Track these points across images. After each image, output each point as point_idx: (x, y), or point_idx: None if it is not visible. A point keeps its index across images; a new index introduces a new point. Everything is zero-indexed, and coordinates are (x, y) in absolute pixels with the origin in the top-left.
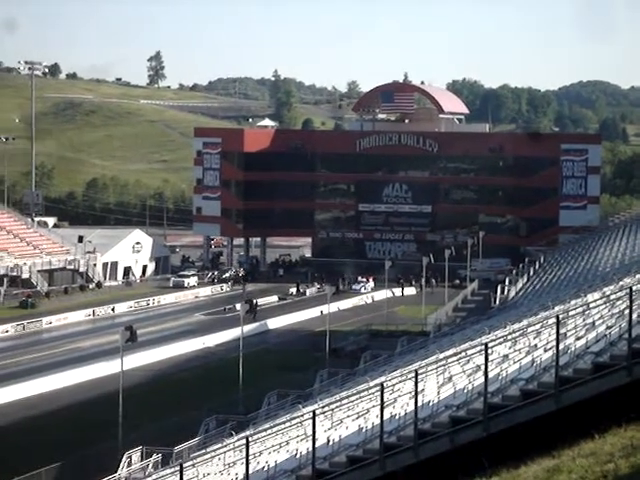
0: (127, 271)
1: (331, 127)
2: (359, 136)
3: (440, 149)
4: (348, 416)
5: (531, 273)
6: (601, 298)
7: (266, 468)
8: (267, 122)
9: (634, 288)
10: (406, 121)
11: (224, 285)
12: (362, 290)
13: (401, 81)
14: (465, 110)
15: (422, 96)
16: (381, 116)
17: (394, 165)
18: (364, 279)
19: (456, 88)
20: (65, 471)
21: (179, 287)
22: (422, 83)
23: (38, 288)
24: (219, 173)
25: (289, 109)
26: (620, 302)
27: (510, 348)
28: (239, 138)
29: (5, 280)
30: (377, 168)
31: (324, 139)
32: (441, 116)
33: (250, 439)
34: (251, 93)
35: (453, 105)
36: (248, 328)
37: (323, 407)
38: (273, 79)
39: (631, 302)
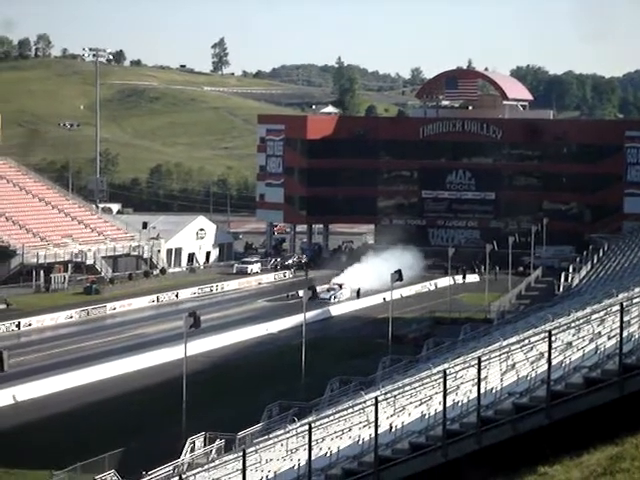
0: (191, 257)
1: (394, 114)
2: (422, 123)
3: (504, 136)
4: (411, 403)
5: (595, 261)
6: None
7: (328, 454)
8: (330, 109)
9: None
10: (470, 108)
11: (287, 272)
12: (332, 300)
13: (465, 67)
14: (529, 97)
15: (486, 83)
16: (445, 103)
17: (457, 152)
18: (336, 285)
19: (520, 74)
20: (128, 456)
21: (242, 273)
22: (486, 70)
23: (102, 274)
24: (282, 160)
25: (352, 96)
26: None
27: (574, 336)
28: (302, 125)
29: (70, 266)
30: (440, 155)
31: (387, 126)
32: (505, 103)
33: (313, 425)
34: (314, 80)
35: (517, 92)
36: (311, 314)
37: (386, 394)
38: (336, 66)
39: None
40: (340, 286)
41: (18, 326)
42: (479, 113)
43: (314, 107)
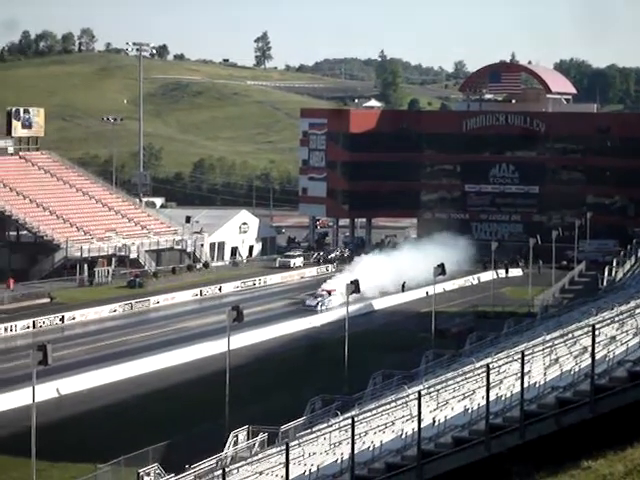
0: (234, 251)
1: (437, 107)
2: (466, 116)
3: (547, 129)
4: (454, 397)
5: (639, 254)
6: None
7: (371, 448)
8: (373, 103)
9: None
10: (513, 101)
11: (329, 266)
12: (319, 308)
13: (508, 61)
14: (572, 90)
15: (529, 76)
16: (488, 96)
17: (501, 145)
18: (324, 292)
19: (563, 68)
20: (172, 450)
21: (285, 267)
22: (529, 63)
23: (146, 268)
24: (325, 154)
25: (395, 89)
26: None
27: (617, 330)
28: (345, 119)
29: (113, 260)
30: (483, 148)
31: (430, 119)
32: (548, 96)
33: (356, 419)
34: (357, 74)
35: (560, 85)
36: (354, 308)
37: (429, 388)
38: (379, 59)
39: None
40: (329, 292)
41: (62, 320)
42: (522, 107)
43: (357, 101)
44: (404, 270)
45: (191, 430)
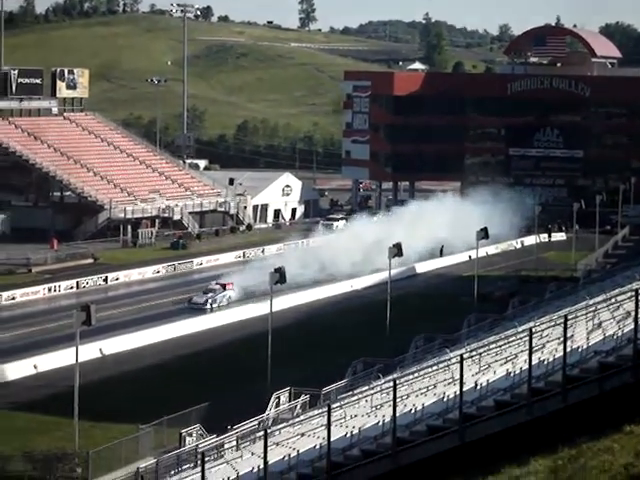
0: (277, 214)
1: (482, 70)
2: (510, 80)
3: (592, 93)
4: (496, 361)
5: None
6: None
7: (413, 411)
8: (417, 65)
9: None
10: (558, 65)
11: None
12: (208, 306)
13: (553, 24)
14: (617, 54)
15: (574, 40)
16: (533, 59)
17: (545, 109)
18: (217, 286)
19: (609, 32)
20: (214, 411)
21: (328, 230)
22: (574, 27)
23: (189, 230)
24: (368, 116)
25: (440, 52)
26: None
27: None
28: (389, 81)
29: (157, 221)
30: (528, 112)
31: (475, 82)
32: (593, 60)
33: (397, 382)
34: (402, 36)
35: (605, 49)
36: (396, 271)
37: (471, 351)
38: (424, 22)
39: None
40: (224, 286)
41: (105, 280)
42: (567, 70)
43: (401, 63)
44: (445, 232)
45: (233, 391)
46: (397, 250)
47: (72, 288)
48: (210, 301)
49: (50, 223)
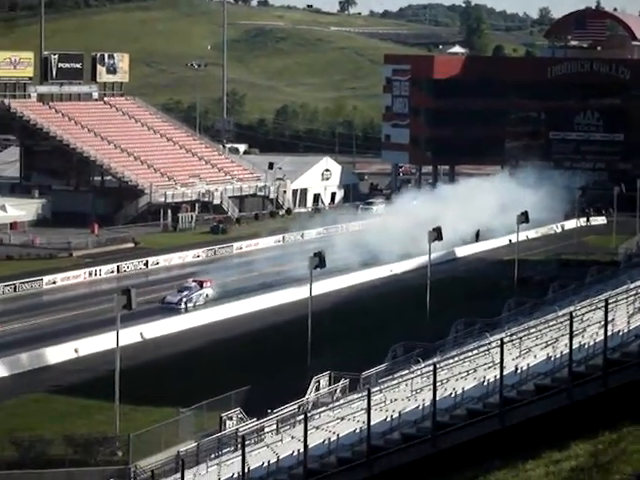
0: (316, 198)
1: (522, 54)
2: (550, 63)
3: (632, 76)
4: (536, 345)
5: None
6: None
7: (453, 395)
8: (457, 49)
9: None
10: (598, 48)
11: None
12: (182, 305)
13: (594, 8)
14: None
15: (615, 23)
16: (573, 43)
17: (586, 92)
18: (194, 284)
19: None
20: (254, 394)
21: (367, 214)
22: (615, 10)
23: (229, 214)
24: (408, 100)
25: (480, 36)
26: None
27: None
28: (429, 65)
29: (197, 206)
30: (568, 96)
31: (515, 66)
32: (634, 43)
33: (437, 366)
34: (441, 20)
35: None
36: (435, 256)
37: (511, 335)
38: (464, 5)
39: None
40: (201, 284)
41: (146, 265)
42: (608, 54)
43: (441, 47)
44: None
45: (273, 375)
46: (437, 234)
47: (113, 272)
48: (185, 300)
49: (91, 207)
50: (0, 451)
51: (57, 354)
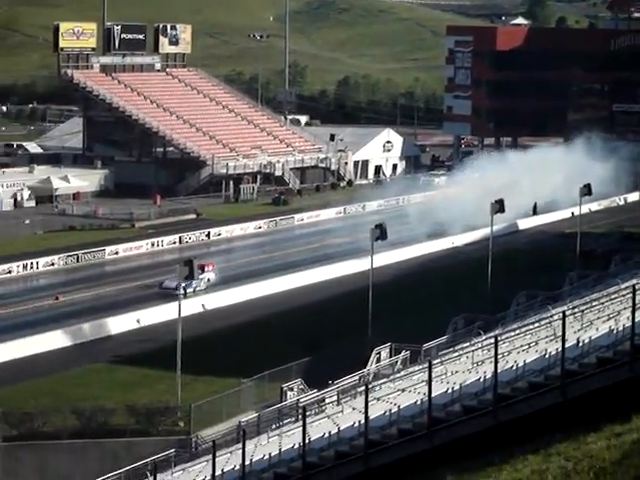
0: (377, 170)
1: (585, 26)
2: (614, 35)
3: None
4: (598, 318)
5: None
6: None
7: (514, 367)
8: (520, 20)
9: None
10: None
11: None
12: (180, 291)
13: None
14: None
15: None
16: (636, 15)
17: None
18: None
19: None
20: (315, 366)
21: (429, 186)
22: None
23: (290, 185)
24: (470, 72)
25: (543, 7)
26: None
27: None
28: (491, 36)
29: (258, 177)
30: (631, 68)
31: (578, 38)
32: None
33: (499, 338)
34: None
35: None
36: (498, 228)
37: (573, 308)
38: None
39: None
40: (202, 268)
41: (208, 236)
42: None
43: (504, 18)
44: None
45: (334, 346)
46: (499, 206)
47: (175, 243)
48: (184, 285)
49: (153, 179)
50: (62, 421)
51: (119, 324)
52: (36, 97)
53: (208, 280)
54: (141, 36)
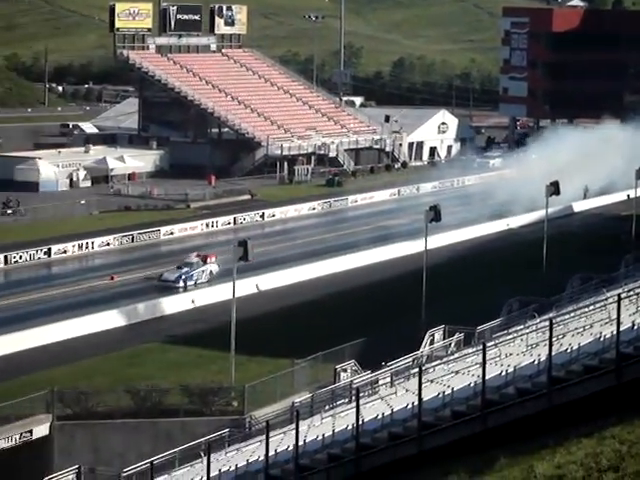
0: (432, 151)
1: None
2: None
3: None
4: None
5: None
6: None
7: (569, 350)
8: (576, 2)
9: None
10: None
11: None
12: (180, 284)
13: None
14: None
15: None
16: None
17: None
18: (195, 259)
19: None
20: (368, 347)
21: (484, 168)
22: None
23: (345, 167)
24: (526, 53)
25: None
26: None
27: None
28: (548, 18)
29: (313, 158)
30: None
31: (634, 19)
32: None
33: (553, 321)
34: None
35: None
36: (553, 210)
37: (628, 292)
38: None
39: None
40: (204, 259)
41: (262, 217)
42: None
43: (560, 0)
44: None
45: (388, 328)
46: (554, 188)
47: (229, 224)
48: (184, 277)
49: (208, 159)
50: (116, 400)
51: (174, 304)
52: (92, 77)
53: (211, 272)
54: (197, 17)
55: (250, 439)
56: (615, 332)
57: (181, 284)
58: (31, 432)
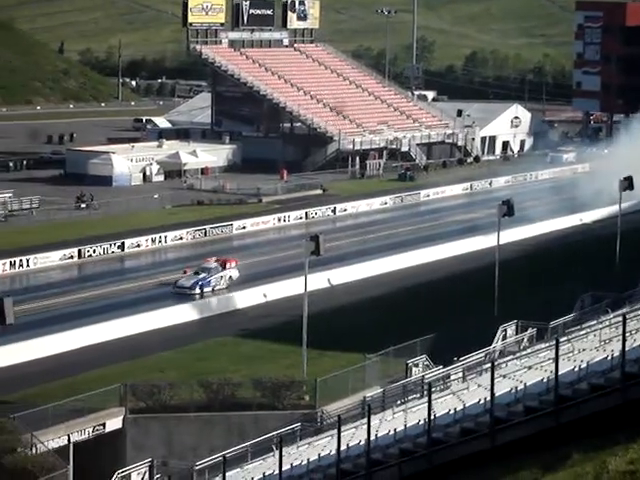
0: (505, 145)
1: None
2: None
3: None
4: None
5: None
6: None
7: None
8: None
9: None
10: None
11: None
12: (196, 290)
13: None
14: None
15: None
16: None
17: None
18: (214, 265)
19: None
20: (440, 342)
21: (557, 162)
22: None
23: (417, 161)
24: (600, 47)
25: None
26: None
27: None
28: (621, 12)
29: (385, 153)
30: None
31: None
32: None
33: (627, 316)
34: None
35: None
36: (627, 205)
37: None
38: None
39: None
40: (224, 264)
41: (334, 211)
42: None
43: None
44: None
45: (460, 323)
46: (628, 183)
47: (301, 218)
48: (200, 284)
49: (280, 154)
50: (189, 394)
51: (246, 299)
52: (165, 72)
53: (230, 278)
54: (269, 11)
55: (321, 433)
56: None
57: (197, 291)
58: (104, 425)
